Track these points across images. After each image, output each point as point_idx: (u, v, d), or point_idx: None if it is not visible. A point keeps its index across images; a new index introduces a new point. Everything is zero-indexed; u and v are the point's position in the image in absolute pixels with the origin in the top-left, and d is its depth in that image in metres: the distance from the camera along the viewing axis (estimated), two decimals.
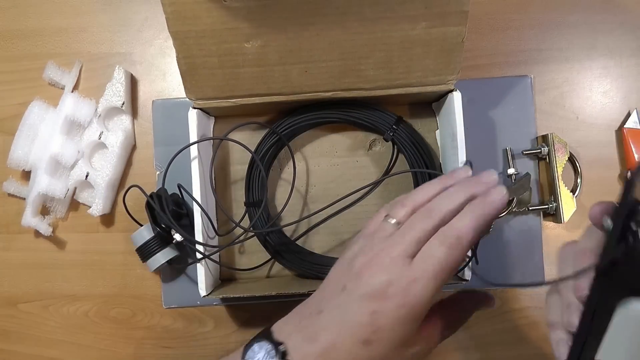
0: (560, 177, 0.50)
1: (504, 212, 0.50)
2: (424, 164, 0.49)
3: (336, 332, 0.32)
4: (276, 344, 0.33)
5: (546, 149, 0.51)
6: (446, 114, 0.49)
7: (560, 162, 0.50)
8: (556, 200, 0.50)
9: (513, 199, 0.50)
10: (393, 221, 0.34)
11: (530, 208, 0.51)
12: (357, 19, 0.41)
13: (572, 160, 0.52)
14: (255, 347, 0.33)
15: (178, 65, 0.44)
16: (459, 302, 0.38)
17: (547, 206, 0.51)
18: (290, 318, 0.35)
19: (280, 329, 0.35)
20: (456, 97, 0.46)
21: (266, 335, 0.34)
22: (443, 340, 0.36)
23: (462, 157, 0.45)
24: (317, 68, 0.44)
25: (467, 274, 0.45)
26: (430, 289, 0.31)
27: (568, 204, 0.50)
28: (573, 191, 0.52)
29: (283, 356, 0.32)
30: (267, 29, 0.42)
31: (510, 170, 0.51)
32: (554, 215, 0.51)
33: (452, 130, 0.46)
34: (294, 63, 0.44)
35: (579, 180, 0.52)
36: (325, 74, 0.45)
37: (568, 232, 0.52)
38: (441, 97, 0.49)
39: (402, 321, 0.31)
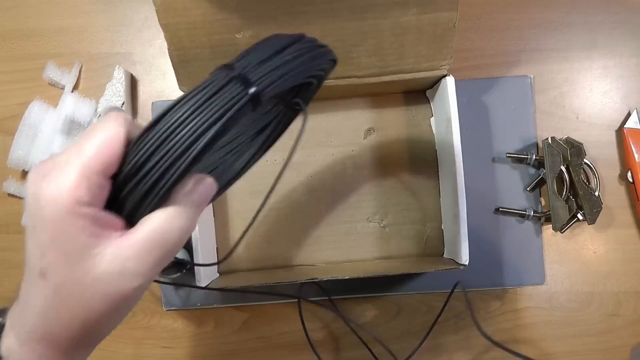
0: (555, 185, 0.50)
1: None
2: None
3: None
4: None
5: (533, 156, 0.51)
6: (440, 99, 0.48)
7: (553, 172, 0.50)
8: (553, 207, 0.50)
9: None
10: None
11: (532, 214, 0.51)
12: (348, 6, 0.41)
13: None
14: None
15: (170, 57, 0.43)
16: None
17: (548, 212, 0.51)
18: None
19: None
20: (449, 82, 0.46)
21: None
22: None
23: (457, 141, 0.45)
24: None
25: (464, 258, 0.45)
26: None
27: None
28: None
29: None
30: (257, 19, 0.42)
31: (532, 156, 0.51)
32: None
33: (447, 114, 0.46)
34: None
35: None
36: None
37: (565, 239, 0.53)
38: (435, 83, 0.49)
39: None
